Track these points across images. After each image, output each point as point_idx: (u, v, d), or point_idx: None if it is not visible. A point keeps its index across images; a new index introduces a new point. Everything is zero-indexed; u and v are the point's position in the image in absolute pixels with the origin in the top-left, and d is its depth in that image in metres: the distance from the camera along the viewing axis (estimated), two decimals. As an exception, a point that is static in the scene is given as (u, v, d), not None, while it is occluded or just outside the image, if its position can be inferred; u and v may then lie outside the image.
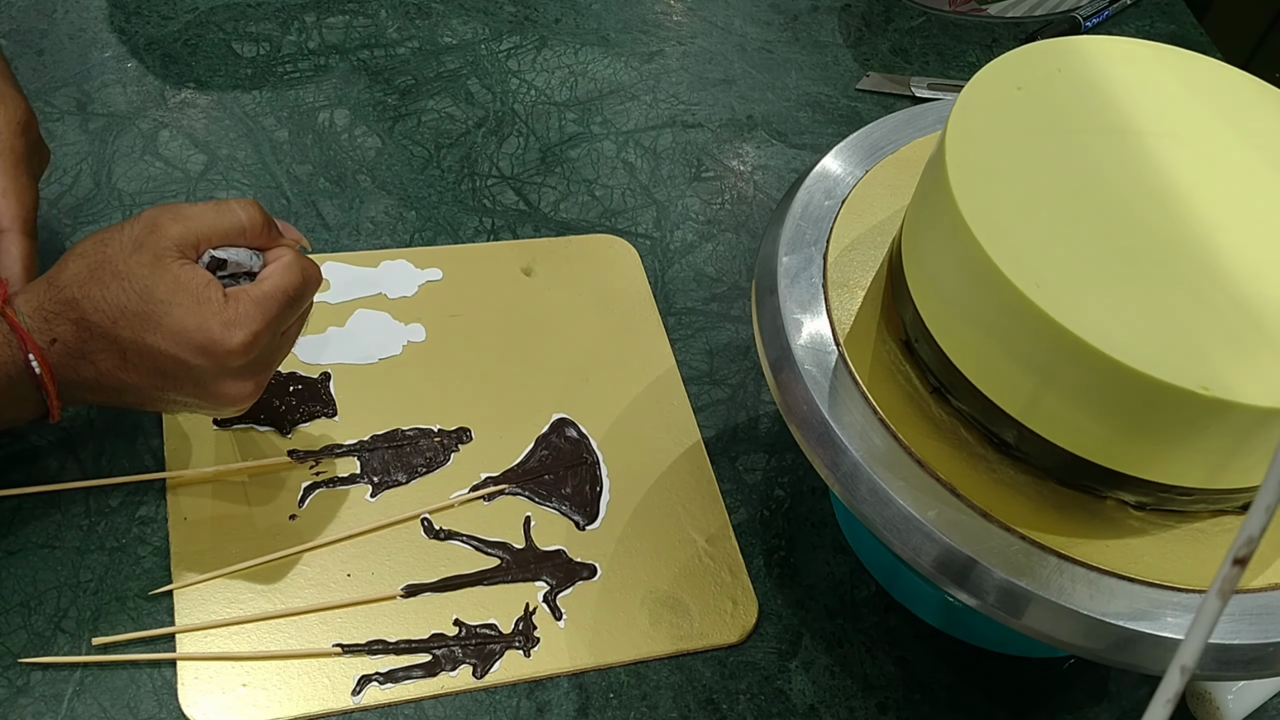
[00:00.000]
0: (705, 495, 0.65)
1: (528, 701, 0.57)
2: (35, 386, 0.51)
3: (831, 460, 0.49)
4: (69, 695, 0.53)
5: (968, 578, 0.46)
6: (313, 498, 0.61)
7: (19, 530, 0.58)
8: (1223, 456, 0.45)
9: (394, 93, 0.81)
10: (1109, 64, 0.52)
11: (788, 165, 0.83)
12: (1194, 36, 0.98)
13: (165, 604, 0.57)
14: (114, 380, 0.51)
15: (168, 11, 0.83)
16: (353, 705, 0.55)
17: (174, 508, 0.59)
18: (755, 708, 0.58)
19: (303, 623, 0.57)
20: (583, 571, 0.61)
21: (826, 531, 0.65)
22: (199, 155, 0.75)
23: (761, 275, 0.55)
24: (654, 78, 0.87)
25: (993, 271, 0.44)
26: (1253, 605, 0.46)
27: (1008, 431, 0.48)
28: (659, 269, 0.75)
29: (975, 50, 0.94)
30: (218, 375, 0.51)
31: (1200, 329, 0.43)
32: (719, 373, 0.70)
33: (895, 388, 0.51)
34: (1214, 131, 0.51)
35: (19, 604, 0.56)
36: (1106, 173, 0.48)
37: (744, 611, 0.61)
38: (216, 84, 0.79)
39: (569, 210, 0.77)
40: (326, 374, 0.66)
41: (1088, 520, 0.48)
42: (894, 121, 0.62)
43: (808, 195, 0.57)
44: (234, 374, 0.52)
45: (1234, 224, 0.47)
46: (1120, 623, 0.45)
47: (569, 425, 0.66)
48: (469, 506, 0.62)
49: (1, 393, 0.50)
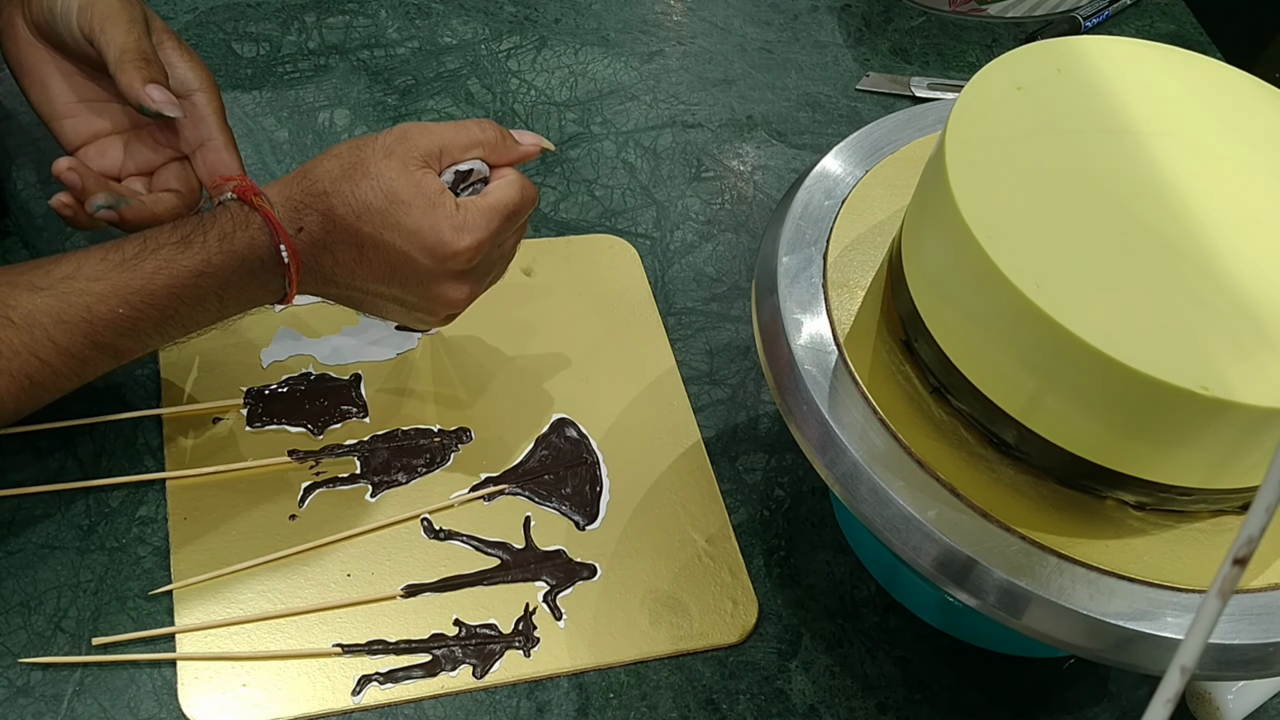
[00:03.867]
0: (705, 495, 0.65)
1: (528, 701, 0.57)
2: (280, 272, 0.55)
3: (831, 460, 0.49)
4: (69, 695, 0.53)
5: (968, 578, 0.46)
6: (313, 498, 0.61)
7: (19, 530, 0.58)
8: (1223, 456, 0.45)
9: (394, 93, 0.81)
10: (1109, 64, 0.52)
11: (788, 165, 0.83)
12: (1194, 36, 0.98)
13: (165, 604, 0.57)
14: (348, 271, 0.56)
15: (168, 11, 0.83)
16: (353, 705, 0.55)
17: (174, 508, 0.59)
18: (755, 708, 0.58)
19: (303, 623, 0.57)
20: (583, 571, 0.61)
21: (826, 531, 0.65)
22: (199, 155, 0.75)
23: (761, 275, 0.55)
24: (654, 78, 0.87)
25: (993, 271, 0.44)
26: (1253, 605, 0.46)
27: (1008, 431, 0.48)
28: (659, 269, 0.75)
29: (975, 50, 0.94)
30: (440, 275, 0.56)
31: (1200, 329, 0.43)
32: (719, 373, 0.70)
33: (895, 388, 0.51)
34: (1214, 131, 0.51)
35: (19, 604, 0.56)
36: (1106, 173, 0.48)
37: (744, 611, 0.61)
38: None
39: (569, 210, 0.77)
40: (357, 375, 0.66)
41: (1088, 520, 0.48)
42: (894, 121, 0.62)
43: (808, 195, 0.57)
44: (454, 277, 0.56)
45: (1234, 224, 0.47)
46: (1120, 623, 0.45)
47: (569, 425, 0.66)
48: (469, 506, 0.62)
49: (252, 276, 0.54)
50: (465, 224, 0.55)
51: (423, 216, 0.54)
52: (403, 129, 0.56)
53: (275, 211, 0.54)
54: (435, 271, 0.56)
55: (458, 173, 0.57)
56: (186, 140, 0.62)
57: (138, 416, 0.62)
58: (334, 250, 0.55)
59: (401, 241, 0.54)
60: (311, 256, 0.55)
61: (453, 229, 0.55)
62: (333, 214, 0.54)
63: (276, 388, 0.64)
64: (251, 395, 0.64)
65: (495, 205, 0.56)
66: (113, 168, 0.62)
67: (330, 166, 0.55)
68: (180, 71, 0.61)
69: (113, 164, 0.62)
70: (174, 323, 0.54)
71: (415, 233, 0.54)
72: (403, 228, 0.54)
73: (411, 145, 0.55)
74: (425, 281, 0.56)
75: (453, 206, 0.55)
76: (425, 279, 0.56)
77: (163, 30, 0.61)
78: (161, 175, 0.62)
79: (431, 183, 0.55)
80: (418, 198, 0.54)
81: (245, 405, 0.63)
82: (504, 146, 0.58)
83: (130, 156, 0.62)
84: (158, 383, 0.63)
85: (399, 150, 0.55)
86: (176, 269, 0.52)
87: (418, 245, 0.55)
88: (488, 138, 0.57)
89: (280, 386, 0.64)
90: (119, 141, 0.62)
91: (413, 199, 0.54)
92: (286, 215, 0.54)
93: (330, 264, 0.56)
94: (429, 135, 0.56)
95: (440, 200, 0.55)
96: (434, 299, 0.57)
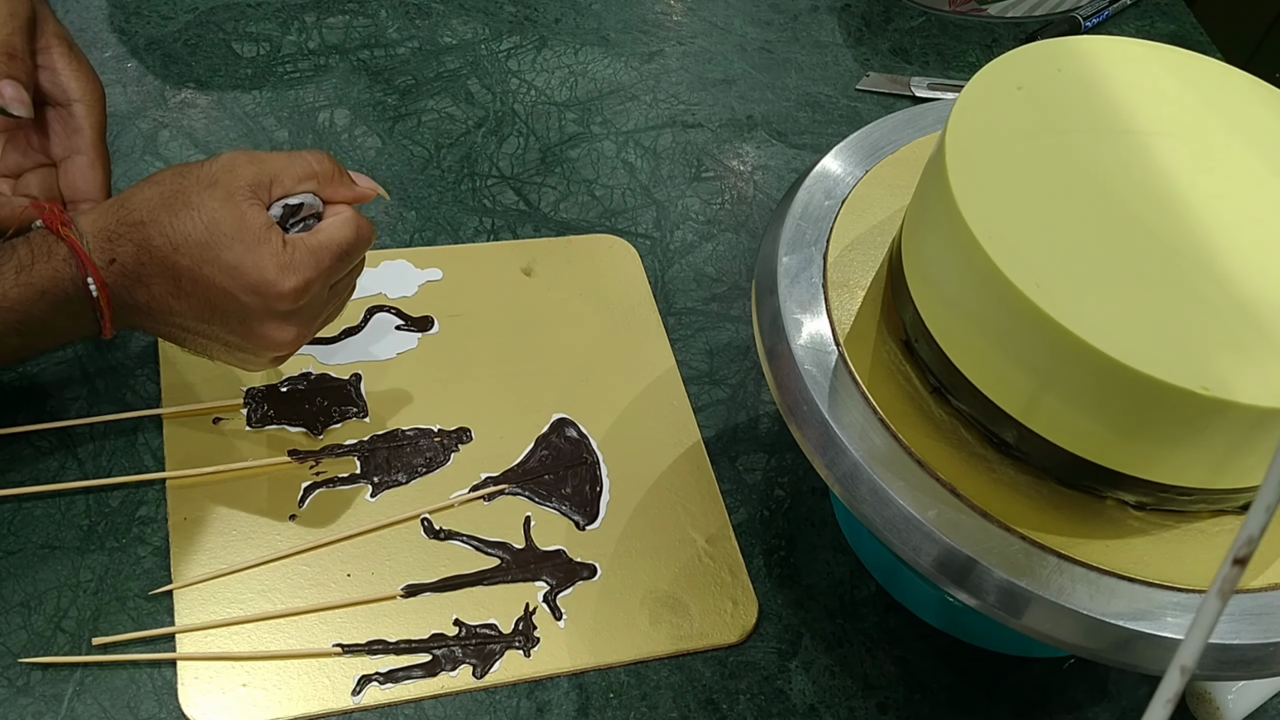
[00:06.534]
0: (705, 495, 0.65)
1: (528, 701, 0.57)
2: (90, 305, 0.52)
3: (831, 460, 0.49)
4: (69, 695, 0.53)
5: (968, 578, 0.46)
6: (313, 498, 0.61)
7: (19, 530, 0.58)
8: (1223, 456, 0.45)
9: (394, 93, 0.81)
10: (1109, 64, 0.52)
11: (788, 165, 0.83)
12: (1194, 36, 0.98)
13: (165, 604, 0.57)
14: (164, 306, 0.53)
15: (168, 11, 0.83)
16: (353, 705, 0.55)
17: (174, 508, 0.59)
18: (755, 708, 0.58)
19: (303, 623, 0.57)
20: (583, 571, 0.61)
21: (826, 531, 0.65)
22: (199, 155, 0.75)
23: (761, 275, 0.55)
24: (654, 78, 0.87)
25: (993, 271, 0.44)
26: (1253, 605, 0.46)
27: (1008, 431, 0.48)
28: (659, 269, 0.75)
29: (975, 50, 0.94)
30: (264, 316, 0.53)
31: (1200, 329, 0.43)
32: (719, 373, 0.70)
33: (895, 388, 0.51)
34: (1214, 131, 0.51)
35: (19, 604, 0.56)
36: (1106, 173, 0.48)
37: (744, 611, 0.61)
38: (216, 84, 0.79)
39: (569, 210, 0.77)
40: (357, 375, 0.66)
41: (1088, 520, 0.48)
42: (894, 121, 0.61)
43: (808, 195, 0.57)
44: (280, 317, 0.53)
45: (1234, 224, 0.47)
46: (1120, 623, 0.45)
47: (569, 425, 0.66)
48: (469, 506, 0.62)
49: (55, 309, 0.52)
50: (292, 263, 0.52)
51: (246, 253, 0.51)
52: (230, 157, 0.53)
53: (85, 242, 0.51)
54: (258, 311, 0.53)
55: (287, 206, 0.54)
56: (56, 149, 0.60)
57: (138, 416, 0.62)
58: (148, 283, 0.52)
59: (222, 278, 0.51)
60: (124, 289, 0.52)
61: (278, 267, 0.52)
62: (149, 245, 0.51)
63: (276, 388, 0.64)
64: (251, 395, 0.64)
65: (326, 244, 0.53)
66: None
67: (149, 194, 0.52)
68: (63, 79, 0.59)
69: None
70: None
71: (237, 269, 0.51)
72: (223, 263, 0.51)
73: (238, 175, 0.52)
74: (248, 321, 0.53)
75: (279, 243, 0.52)
76: (248, 318, 0.53)
77: (55, 34, 0.60)
78: (26, 180, 0.61)
79: (257, 216, 0.52)
80: (241, 232, 0.51)
81: (245, 405, 0.63)
82: (338, 181, 0.55)
83: (2, 158, 0.61)
84: (158, 383, 0.63)
85: (224, 180, 0.52)
86: None
87: (239, 283, 0.52)
88: (323, 170, 0.55)
89: (280, 386, 0.64)
90: None
91: (236, 233, 0.51)
92: (98, 245, 0.52)
93: (145, 298, 0.53)
94: (258, 165, 0.53)
95: (266, 236, 0.52)
96: (257, 339, 0.54)
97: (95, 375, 0.63)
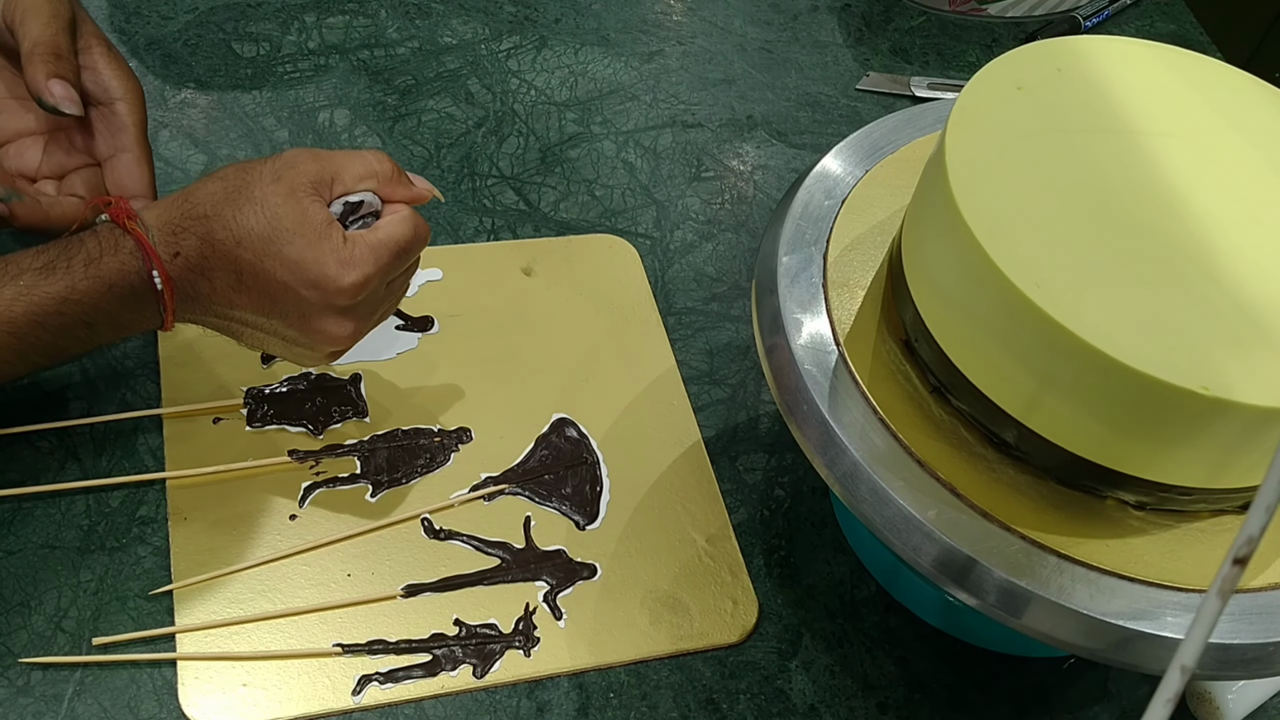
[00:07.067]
0: (705, 495, 0.65)
1: (528, 701, 0.57)
2: (155, 298, 0.53)
3: (831, 460, 0.49)
4: (69, 695, 0.53)
5: (968, 578, 0.46)
6: (313, 498, 0.61)
7: (19, 530, 0.58)
8: (1223, 456, 0.45)
9: (394, 93, 0.81)
10: (1109, 64, 0.52)
11: (788, 165, 0.83)
12: (1194, 36, 0.98)
13: (165, 604, 0.57)
14: (225, 299, 0.54)
15: (168, 11, 0.83)
16: (353, 705, 0.55)
17: (174, 508, 0.59)
18: (755, 708, 0.58)
19: (303, 623, 0.57)
20: (583, 571, 0.61)
21: (826, 531, 0.65)
22: (199, 155, 0.75)
23: (761, 275, 0.55)
24: (654, 78, 0.87)
25: (993, 271, 0.44)
26: (1253, 605, 0.46)
27: (1008, 431, 0.48)
28: (659, 269, 0.75)
29: (975, 50, 0.94)
30: (323, 310, 0.54)
31: (1200, 329, 0.43)
32: (719, 373, 0.70)
33: (895, 388, 0.51)
34: (1214, 131, 0.51)
35: (19, 604, 0.56)
36: (1106, 172, 0.48)
37: (744, 611, 0.61)
38: (216, 84, 0.79)
39: (569, 210, 0.77)
40: (357, 375, 0.66)
41: (1088, 520, 0.48)
42: (894, 121, 0.62)
43: (808, 195, 0.57)
44: (338, 313, 0.54)
45: (1234, 224, 0.47)
46: (1120, 623, 0.45)
47: (569, 425, 0.66)
48: (469, 506, 0.62)
49: (123, 302, 0.52)
50: (352, 259, 0.53)
51: (307, 248, 0.52)
52: (294, 154, 0.54)
53: (151, 235, 0.52)
54: (318, 306, 0.53)
55: (347, 204, 0.54)
56: (101, 148, 0.61)
57: (138, 416, 0.62)
58: (211, 276, 0.53)
59: (283, 272, 0.52)
60: (187, 282, 0.53)
61: (338, 263, 0.52)
62: (212, 238, 0.52)
63: (276, 388, 0.64)
64: (251, 395, 0.64)
65: (385, 241, 0.54)
66: (29, 168, 0.61)
67: (213, 189, 0.53)
68: (104, 78, 0.60)
69: (29, 165, 0.61)
70: (38, 351, 0.52)
71: (298, 264, 0.52)
72: (285, 258, 0.52)
73: (301, 171, 0.53)
74: (306, 315, 0.54)
75: (340, 239, 0.53)
76: (306, 313, 0.54)
77: (93, 35, 0.60)
78: (70, 180, 0.61)
79: (319, 212, 0.53)
80: (303, 227, 0.52)
81: (245, 405, 0.63)
82: (397, 181, 0.56)
83: (47, 158, 0.61)
84: (158, 383, 0.63)
85: (287, 176, 0.53)
86: (38, 296, 0.50)
87: (300, 277, 0.52)
88: (382, 169, 0.55)
89: (280, 386, 0.64)
90: (39, 143, 0.62)
91: (298, 228, 0.52)
92: (162, 239, 0.52)
93: (207, 291, 0.53)
94: (320, 162, 0.54)
95: (327, 232, 0.52)
96: (315, 334, 0.55)
97: (95, 375, 0.63)
